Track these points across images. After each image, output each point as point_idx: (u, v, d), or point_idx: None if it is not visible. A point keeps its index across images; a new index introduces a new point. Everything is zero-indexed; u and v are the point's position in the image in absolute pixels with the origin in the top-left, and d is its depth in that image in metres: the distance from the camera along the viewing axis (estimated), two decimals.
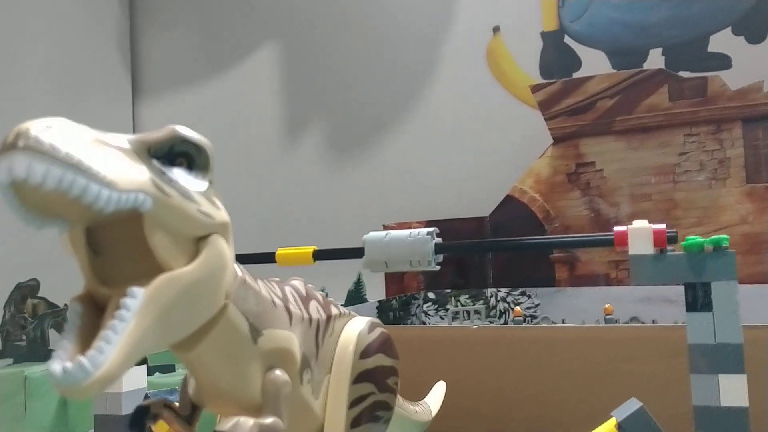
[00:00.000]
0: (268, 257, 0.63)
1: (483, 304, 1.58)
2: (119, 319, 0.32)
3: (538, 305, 1.54)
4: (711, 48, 1.62)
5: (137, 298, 0.33)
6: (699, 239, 0.47)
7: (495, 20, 1.81)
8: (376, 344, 0.54)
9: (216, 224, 0.38)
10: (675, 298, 1.31)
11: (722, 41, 1.61)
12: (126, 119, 2.18)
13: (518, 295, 1.56)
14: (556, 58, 1.75)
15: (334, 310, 0.54)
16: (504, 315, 1.56)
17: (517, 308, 1.42)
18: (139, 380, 0.61)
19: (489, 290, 1.60)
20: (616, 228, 0.50)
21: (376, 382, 0.53)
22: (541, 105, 1.75)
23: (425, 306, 1.61)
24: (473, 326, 0.92)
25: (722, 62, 1.60)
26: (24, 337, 1.50)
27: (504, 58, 1.80)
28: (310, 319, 0.49)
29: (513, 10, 1.80)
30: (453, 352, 0.89)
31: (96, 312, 0.35)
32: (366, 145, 1.95)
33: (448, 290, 1.62)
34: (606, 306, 1.23)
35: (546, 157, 1.73)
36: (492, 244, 1.35)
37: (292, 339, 0.45)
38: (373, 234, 0.59)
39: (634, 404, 0.50)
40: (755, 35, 1.59)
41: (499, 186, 1.76)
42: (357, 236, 0.61)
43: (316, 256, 0.62)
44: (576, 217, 1.68)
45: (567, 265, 1.68)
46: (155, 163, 0.35)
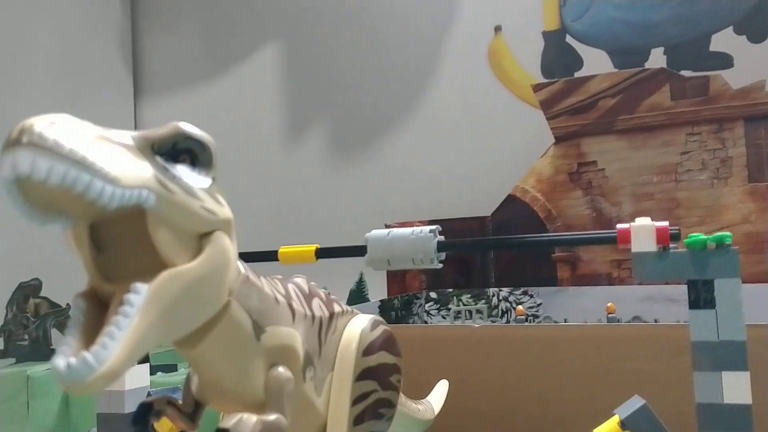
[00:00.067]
0: (271, 255, 0.63)
1: (485, 304, 1.58)
2: (123, 315, 0.32)
3: (540, 305, 1.53)
4: (713, 47, 1.62)
5: (141, 294, 0.33)
6: (702, 236, 0.47)
7: (497, 20, 1.81)
8: (379, 342, 0.54)
9: (219, 221, 0.38)
10: (677, 298, 1.31)
11: (724, 40, 1.61)
12: (128, 119, 2.18)
13: (520, 295, 1.56)
14: (558, 58, 1.75)
15: (337, 308, 0.54)
16: (506, 314, 1.55)
17: (519, 307, 1.42)
18: (142, 379, 0.61)
19: (491, 290, 1.59)
20: (619, 225, 0.50)
21: (379, 380, 0.53)
22: (543, 104, 1.74)
23: (427, 305, 1.61)
24: (475, 325, 0.91)
25: (724, 61, 1.60)
26: (26, 337, 1.50)
27: (506, 58, 1.80)
28: (313, 317, 0.49)
29: (515, 10, 1.80)
30: (455, 351, 0.89)
31: (100, 308, 0.35)
32: (368, 145, 1.95)
33: (450, 290, 1.62)
34: (608, 305, 1.23)
35: (548, 157, 1.73)
36: (494, 242, 1.35)
37: (295, 336, 0.45)
38: (376, 232, 0.59)
39: (637, 402, 0.50)
40: (757, 34, 1.59)
41: (501, 185, 1.76)
42: (359, 236, 0.61)
43: (319, 254, 0.62)
44: (578, 217, 1.68)
45: (569, 265, 1.68)
46: (159, 160, 0.35)
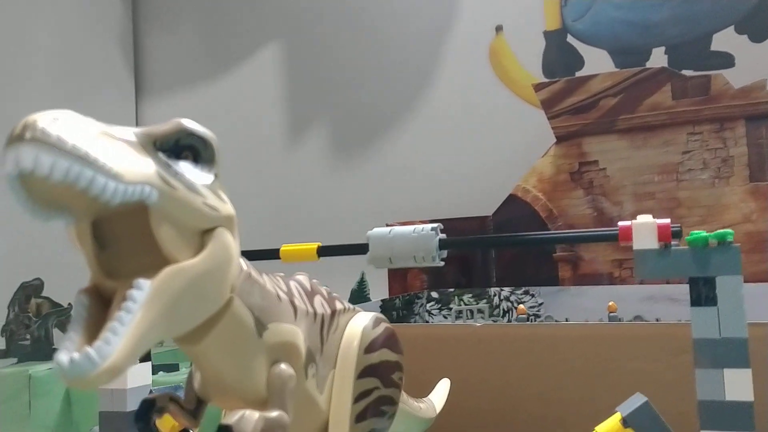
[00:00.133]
0: (273, 254, 0.62)
1: (486, 303, 1.58)
2: (126, 311, 0.32)
3: (542, 304, 1.53)
4: (714, 46, 1.62)
5: (143, 290, 0.33)
6: (703, 234, 0.47)
7: (498, 19, 1.81)
8: (381, 339, 0.54)
9: (221, 217, 0.38)
10: (679, 297, 1.31)
11: (725, 40, 1.61)
12: (129, 119, 2.18)
13: (521, 294, 1.56)
14: (559, 57, 1.75)
15: (339, 305, 0.54)
16: (507, 314, 1.55)
17: (521, 306, 1.42)
18: (144, 377, 0.61)
19: (492, 289, 1.59)
20: (621, 223, 0.49)
21: (381, 377, 0.53)
22: (544, 104, 1.74)
23: (428, 305, 1.61)
24: (477, 324, 0.91)
25: (725, 61, 1.60)
26: (28, 337, 1.50)
27: (507, 57, 1.80)
28: (315, 314, 0.49)
29: (516, 10, 1.80)
30: (457, 350, 0.89)
31: (102, 304, 0.35)
32: (369, 145, 1.95)
33: (452, 289, 1.62)
34: (610, 304, 1.23)
35: (549, 156, 1.73)
36: (495, 240, 1.35)
37: (297, 333, 0.45)
38: (378, 230, 0.59)
39: (639, 399, 0.50)
40: (758, 34, 1.59)
41: (502, 185, 1.76)
42: (360, 236, 0.61)
43: (321, 253, 0.61)
44: (579, 216, 1.68)
45: (570, 264, 1.68)
46: (161, 156, 0.35)
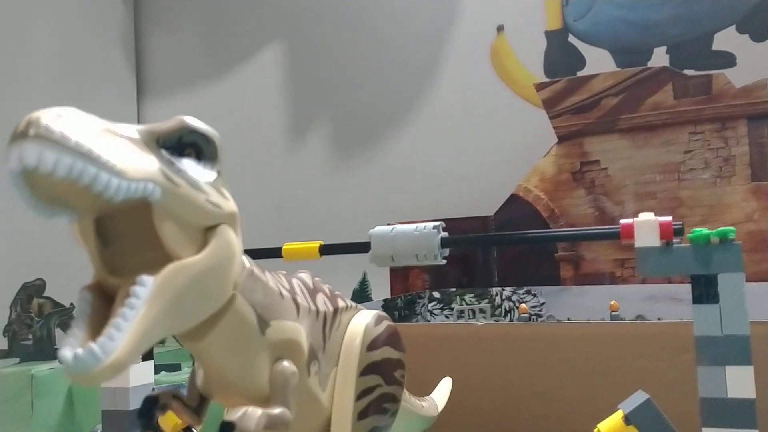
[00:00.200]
0: (275, 252, 0.62)
1: (488, 303, 1.58)
2: (129, 307, 0.32)
3: (543, 304, 1.53)
4: (715, 46, 1.62)
5: (147, 287, 0.33)
6: (705, 231, 0.47)
7: (499, 19, 1.81)
8: (383, 337, 0.54)
9: (224, 214, 0.38)
10: (680, 296, 1.31)
11: (726, 39, 1.61)
12: (131, 119, 2.18)
13: (523, 294, 1.56)
14: (560, 57, 1.75)
15: (341, 303, 0.54)
16: (509, 314, 1.55)
17: (523, 305, 1.42)
18: (147, 375, 0.61)
19: (494, 289, 1.59)
20: (622, 220, 0.50)
21: (383, 375, 0.53)
22: (546, 103, 1.75)
23: (430, 305, 1.61)
24: (479, 323, 0.91)
25: (727, 60, 1.60)
26: (30, 337, 1.50)
27: (508, 57, 1.80)
28: (317, 311, 0.50)
29: (517, 9, 1.80)
30: (459, 350, 0.89)
31: (106, 301, 0.35)
32: (370, 145, 1.95)
33: (454, 289, 1.62)
34: (611, 303, 1.23)
35: (551, 156, 1.73)
36: (497, 238, 1.35)
37: (300, 330, 0.45)
38: (380, 228, 0.59)
39: (641, 396, 0.50)
40: (759, 33, 1.59)
41: (504, 185, 1.76)
42: (361, 236, 0.61)
43: (323, 251, 0.61)
44: (581, 216, 1.68)
45: (572, 264, 1.68)
46: (164, 154, 0.35)
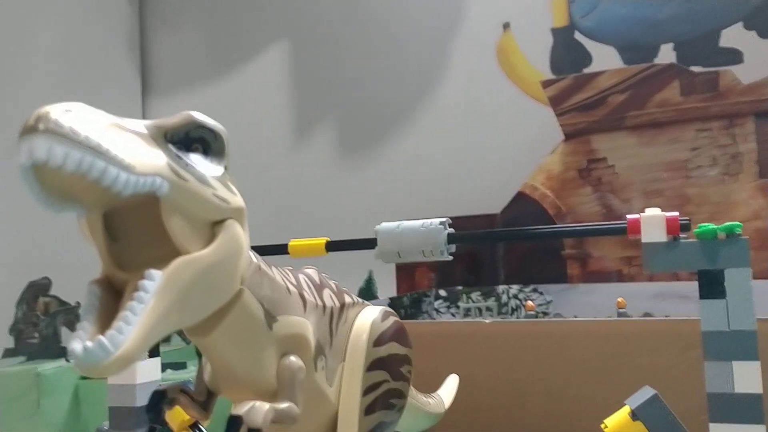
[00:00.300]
0: (281, 249, 0.63)
1: (495, 301, 1.57)
2: (138, 301, 0.33)
3: (550, 302, 1.53)
4: (722, 42, 1.61)
5: (155, 281, 0.33)
6: (712, 226, 0.47)
7: (505, 17, 1.81)
8: (390, 333, 0.54)
9: (231, 209, 0.38)
10: (688, 294, 1.30)
11: (733, 36, 1.60)
12: (136, 118, 2.18)
13: (530, 292, 1.55)
14: (567, 54, 1.74)
15: (348, 299, 0.54)
16: (515, 312, 1.55)
17: (530, 303, 1.42)
18: (153, 372, 0.61)
19: (500, 287, 1.59)
20: (629, 216, 0.50)
21: (390, 370, 0.53)
22: (552, 101, 1.74)
23: (436, 303, 1.60)
24: (486, 321, 0.91)
25: (734, 57, 1.59)
26: (36, 335, 1.50)
27: (514, 55, 1.80)
28: (324, 307, 0.50)
29: (523, 6, 1.80)
30: (465, 347, 0.89)
31: (114, 295, 0.35)
32: (376, 142, 1.95)
33: (460, 287, 1.61)
34: (618, 300, 1.23)
35: (557, 153, 1.72)
36: (504, 234, 1.35)
37: (307, 325, 0.46)
38: (386, 224, 0.59)
39: (648, 392, 0.50)
40: (767, 29, 1.58)
41: (510, 183, 1.76)
42: (367, 234, 0.61)
43: (329, 248, 0.62)
44: (587, 214, 1.67)
45: (579, 262, 1.68)
46: (172, 148, 0.36)
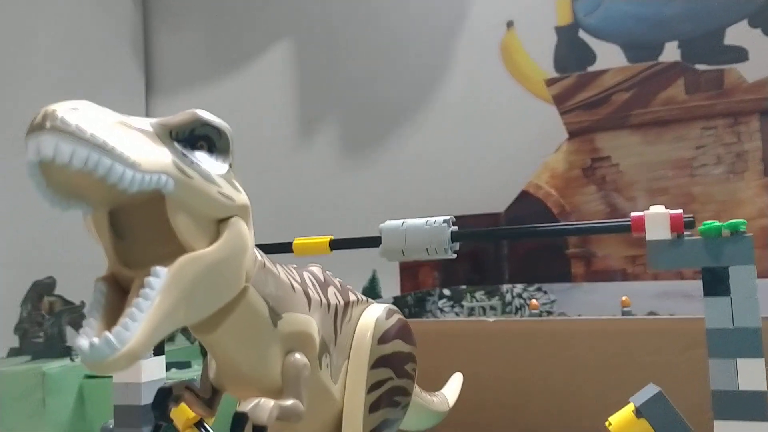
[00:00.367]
0: (285, 247, 0.63)
1: (498, 300, 1.57)
2: (143, 297, 0.33)
3: (554, 301, 1.53)
4: (727, 40, 1.61)
5: (161, 278, 0.34)
6: (716, 224, 0.47)
7: (509, 15, 1.81)
8: (394, 330, 0.54)
9: (236, 206, 0.38)
10: (692, 293, 1.30)
11: (739, 34, 1.60)
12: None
13: (534, 291, 1.55)
14: (571, 52, 1.74)
15: (352, 297, 0.54)
16: (519, 311, 1.55)
17: (534, 301, 1.41)
18: (158, 371, 0.61)
19: (504, 286, 1.59)
20: (633, 213, 0.50)
21: (394, 368, 0.53)
22: (556, 99, 1.74)
23: (440, 302, 1.60)
24: (490, 320, 0.92)
25: (739, 55, 1.59)
26: (41, 335, 1.51)
27: (518, 53, 1.80)
28: (329, 305, 0.50)
29: (527, 5, 1.80)
30: (470, 345, 0.89)
31: (120, 292, 0.35)
32: (380, 141, 1.95)
33: (464, 286, 1.61)
34: (623, 298, 1.22)
35: (561, 152, 1.72)
36: (507, 231, 1.36)
37: (312, 323, 0.46)
38: (390, 223, 0.59)
39: (652, 389, 0.50)
40: None
41: (514, 181, 1.76)
42: (371, 233, 0.61)
43: (333, 246, 0.62)
44: (592, 212, 1.67)
45: (583, 261, 1.68)
46: (177, 146, 0.36)
